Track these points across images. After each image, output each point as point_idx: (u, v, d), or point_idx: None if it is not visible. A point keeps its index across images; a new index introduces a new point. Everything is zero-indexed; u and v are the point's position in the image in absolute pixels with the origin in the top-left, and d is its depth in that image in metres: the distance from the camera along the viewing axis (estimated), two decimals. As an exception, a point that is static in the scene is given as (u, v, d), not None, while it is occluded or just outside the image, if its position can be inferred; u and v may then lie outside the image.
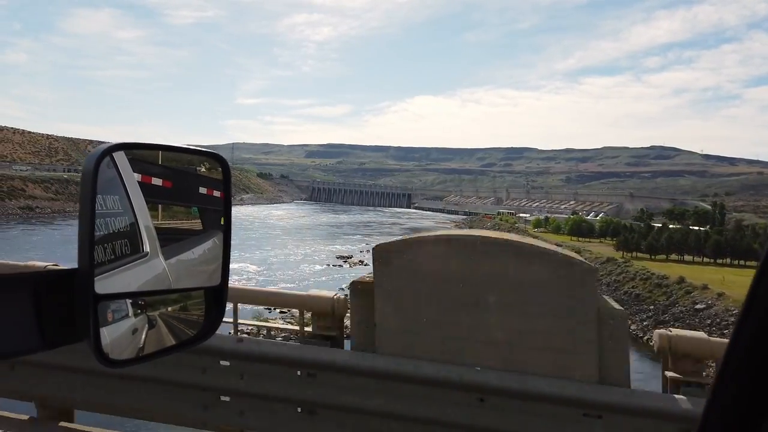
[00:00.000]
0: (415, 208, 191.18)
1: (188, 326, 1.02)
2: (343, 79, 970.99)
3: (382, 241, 4.26)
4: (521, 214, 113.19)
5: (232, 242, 0.99)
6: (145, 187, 0.92)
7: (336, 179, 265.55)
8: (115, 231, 0.86)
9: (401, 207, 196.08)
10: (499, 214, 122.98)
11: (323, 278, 46.29)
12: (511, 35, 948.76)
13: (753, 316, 0.54)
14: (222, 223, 1.07)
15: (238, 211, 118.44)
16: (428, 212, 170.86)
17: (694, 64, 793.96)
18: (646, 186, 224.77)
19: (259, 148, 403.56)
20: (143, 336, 0.91)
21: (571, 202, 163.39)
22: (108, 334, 0.82)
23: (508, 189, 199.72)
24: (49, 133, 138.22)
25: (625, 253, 50.34)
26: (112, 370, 0.84)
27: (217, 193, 1.08)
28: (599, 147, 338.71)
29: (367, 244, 72.05)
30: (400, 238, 4.55)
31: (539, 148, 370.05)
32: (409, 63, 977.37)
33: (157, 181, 0.96)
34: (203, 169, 1.09)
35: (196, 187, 1.06)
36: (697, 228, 64.07)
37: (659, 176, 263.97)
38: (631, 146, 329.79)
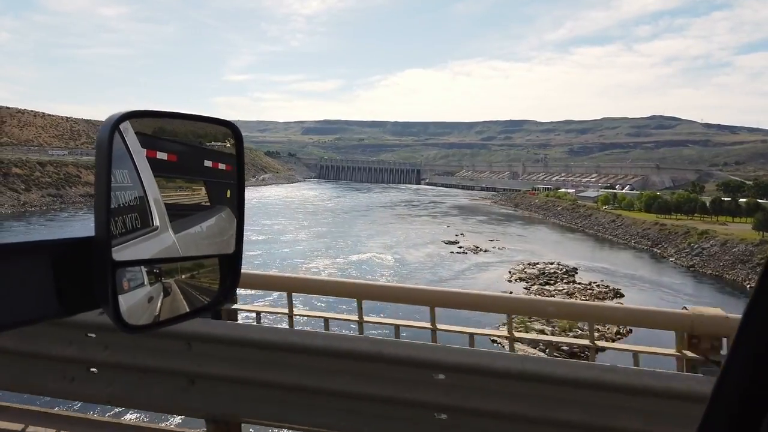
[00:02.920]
0: (427, 184, 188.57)
1: (203, 294, 1.03)
2: (333, 53, 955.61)
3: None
4: (568, 190, 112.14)
5: (315, 227, 1.14)
6: (151, 161, 0.92)
7: (337, 156, 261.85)
8: (125, 205, 0.86)
9: (411, 183, 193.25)
10: (535, 189, 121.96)
11: (466, 265, 44.77)
12: (501, 5, 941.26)
13: (763, 303, 0.52)
14: (228, 197, 1.06)
15: (271, 192, 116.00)
16: (443, 188, 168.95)
17: (684, 32, 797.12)
18: (652, 156, 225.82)
19: (254, 125, 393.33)
20: (159, 304, 0.92)
21: (594, 175, 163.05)
22: (125, 302, 0.83)
23: (524, 162, 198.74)
24: (68, 116, 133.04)
25: (764, 234, 49.22)
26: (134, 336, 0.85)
27: (222, 166, 1.06)
28: (598, 118, 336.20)
29: (448, 226, 70.63)
30: None
31: (538, 120, 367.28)
32: (398, 36, 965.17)
33: (162, 155, 0.95)
34: (209, 143, 1.07)
35: (202, 160, 1.05)
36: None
37: (662, 146, 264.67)
38: (630, 116, 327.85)
